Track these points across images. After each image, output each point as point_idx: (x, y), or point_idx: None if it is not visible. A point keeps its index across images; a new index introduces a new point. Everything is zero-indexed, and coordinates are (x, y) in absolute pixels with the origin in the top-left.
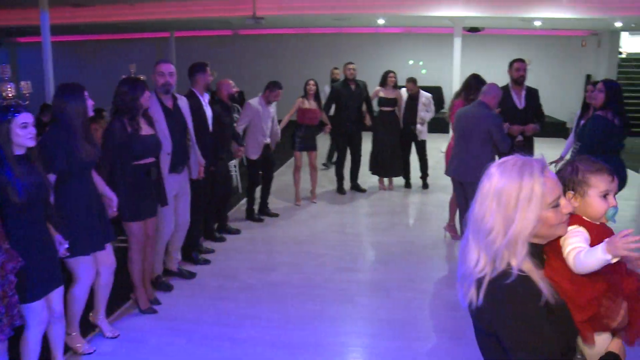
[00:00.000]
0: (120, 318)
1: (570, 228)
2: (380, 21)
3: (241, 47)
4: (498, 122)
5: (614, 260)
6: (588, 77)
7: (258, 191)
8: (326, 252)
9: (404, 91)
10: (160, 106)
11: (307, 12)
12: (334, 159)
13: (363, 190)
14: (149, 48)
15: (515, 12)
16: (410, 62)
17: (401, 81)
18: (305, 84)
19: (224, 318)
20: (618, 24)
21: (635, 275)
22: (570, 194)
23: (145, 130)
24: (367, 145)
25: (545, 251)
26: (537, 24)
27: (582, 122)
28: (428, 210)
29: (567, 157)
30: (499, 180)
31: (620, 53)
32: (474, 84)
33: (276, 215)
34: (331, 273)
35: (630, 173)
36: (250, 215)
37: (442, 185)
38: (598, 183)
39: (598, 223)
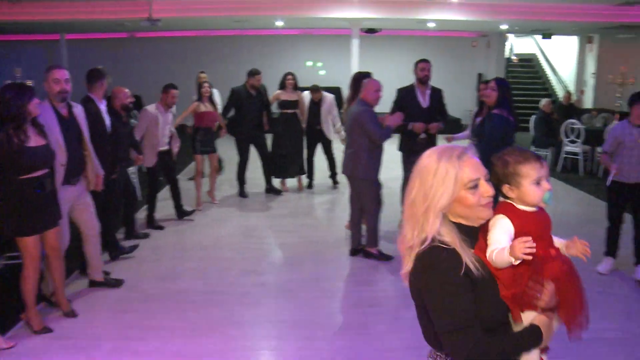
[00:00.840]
0: (12, 338)
1: (497, 216)
2: (279, 23)
3: (138, 50)
4: (368, 115)
5: (517, 262)
6: (480, 76)
7: (160, 198)
8: (230, 257)
9: (306, 94)
10: (55, 115)
11: (205, 14)
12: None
13: (279, 192)
14: (38, 51)
15: (410, 13)
16: (309, 63)
17: (302, 82)
18: (199, 87)
19: (125, 331)
20: (504, 27)
21: (561, 260)
22: (506, 187)
23: (35, 140)
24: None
25: (479, 233)
26: (431, 25)
27: (478, 119)
28: (331, 210)
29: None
30: (423, 160)
31: (510, 59)
32: (359, 80)
33: (191, 212)
34: (236, 277)
35: None
36: (150, 223)
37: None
38: (529, 172)
39: (536, 209)
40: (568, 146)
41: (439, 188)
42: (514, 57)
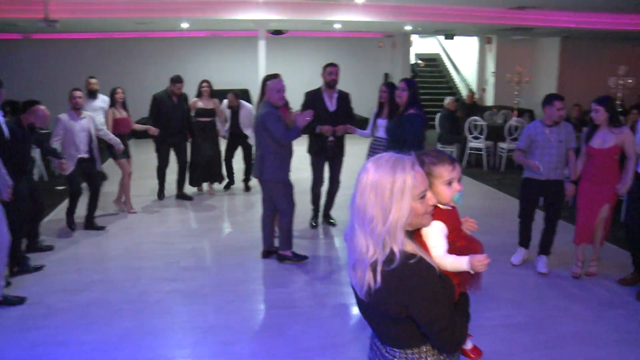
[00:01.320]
0: None
1: (432, 224)
2: (185, 25)
3: (34, 52)
4: (271, 116)
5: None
6: (386, 75)
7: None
8: (140, 265)
9: (225, 102)
10: None
11: (106, 15)
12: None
13: (190, 198)
14: None
15: (316, 15)
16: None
17: (214, 84)
18: (113, 92)
19: (29, 350)
20: (408, 28)
21: (474, 241)
22: None
23: None
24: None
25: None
26: (337, 26)
27: (380, 120)
28: (245, 213)
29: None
30: (374, 174)
31: (418, 65)
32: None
33: (103, 228)
34: (147, 285)
35: None
36: (70, 226)
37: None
38: (442, 173)
39: (449, 207)
40: (472, 142)
41: (400, 202)
42: (419, 62)
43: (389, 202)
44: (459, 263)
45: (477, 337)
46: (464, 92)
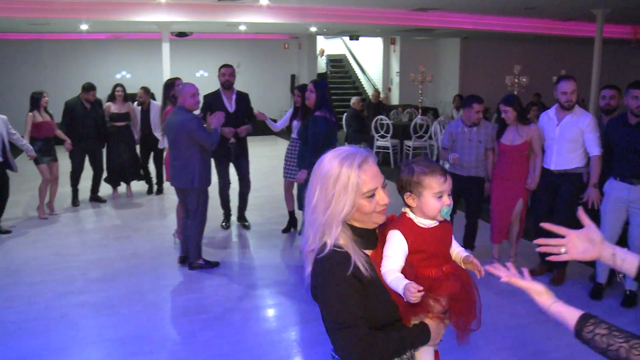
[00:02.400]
0: None
1: (393, 231)
2: (84, 26)
3: None
4: (195, 122)
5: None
6: (293, 77)
7: None
8: (42, 280)
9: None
10: None
11: None
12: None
13: (103, 201)
14: None
15: (220, 17)
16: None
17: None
18: (39, 97)
19: None
20: (313, 29)
21: (453, 277)
22: (408, 194)
23: None
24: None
25: (379, 237)
26: (242, 28)
27: (295, 121)
28: (153, 219)
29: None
30: (325, 165)
31: (326, 73)
32: (171, 87)
33: (9, 232)
34: (51, 300)
35: None
36: None
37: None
38: (432, 184)
39: (436, 223)
40: (379, 141)
41: (341, 197)
42: (329, 73)
43: (331, 194)
44: (395, 284)
45: None
46: (370, 92)
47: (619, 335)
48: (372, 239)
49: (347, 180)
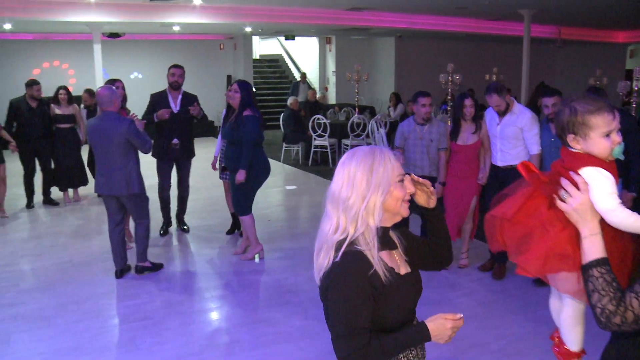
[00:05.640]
0: None
1: (589, 169)
2: (7, 26)
3: None
4: (133, 128)
5: None
6: (229, 77)
7: None
8: None
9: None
10: None
11: None
12: None
13: (56, 204)
14: None
15: (152, 17)
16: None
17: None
18: None
19: None
20: (248, 29)
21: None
22: (571, 136)
23: None
24: None
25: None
26: (176, 28)
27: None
28: (92, 225)
29: (219, 156)
30: (353, 159)
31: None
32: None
33: None
34: None
35: (273, 162)
36: None
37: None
38: (599, 123)
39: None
40: (317, 140)
41: (380, 178)
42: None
43: (369, 179)
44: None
45: None
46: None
47: (616, 286)
48: (387, 238)
49: (384, 163)
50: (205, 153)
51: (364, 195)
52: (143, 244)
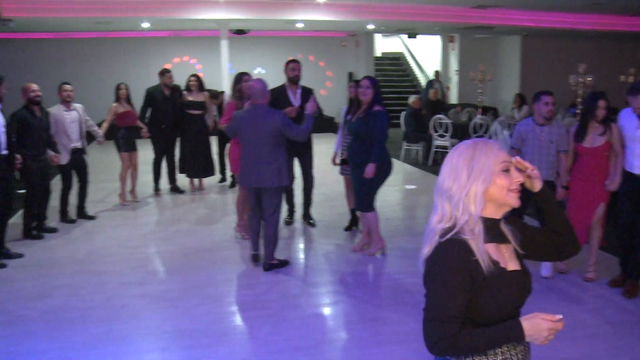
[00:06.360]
0: None
1: None
2: (145, 25)
3: None
4: (285, 119)
5: None
6: (350, 74)
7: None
8: (106, 269)
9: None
10: None
11: (63, 14)
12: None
13: (181, 191)
14: None
15: (277, 14)
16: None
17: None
18: (117, 88)
19: None
20: (371, 27)
21: None
22: None
23: None
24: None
25: None
26: (300, 25)
27: (350, 117)
28: (216, 214)
29: (340, 151)
30: (457, 151)
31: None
32: (238, 82)
33: (93, 217)
34: (113, 290)
35: (392, 161)
36: (63, 217)
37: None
38: None
39: None
40: (437, 140)
41: (481, 169)
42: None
43: (471, 168)
44: None
45: None
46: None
47: None
48: (497, 231)
49: (486, 153)
50: (326, 149)
51: (465, 184)
52: (273, 244)
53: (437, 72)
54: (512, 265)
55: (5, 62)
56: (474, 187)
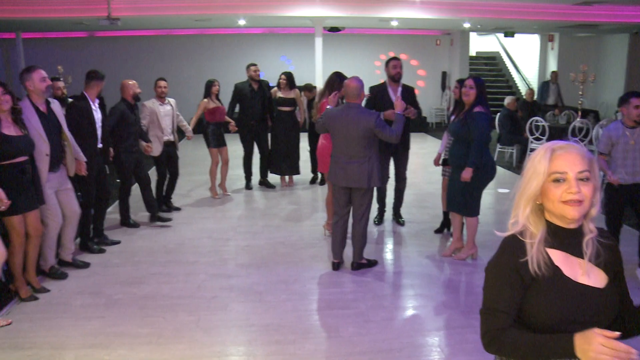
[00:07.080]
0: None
1: None
2: (242, 22)
3: (98, 49)
4: (380, 120)
5: None
6: (444, 74)
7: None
8: (196, 260)
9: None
10: (34, 110)
11: (165, 12)
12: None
13: (272, 187)
14: None
15: (372, 12)
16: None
17: (271, 80)
18: (210, 85)
19: (90, 339)
20: (466, 25)
21: None
22: None
23: (15, 131)
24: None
25: None
26: (394, 23)
27: (453, 117)
28: (304, 210)
29: (443, 153)
30: (535, 151)
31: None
32: (336, 81)
33: (178, 209)
34: (202, 281)
35: None
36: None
37: None
38: None
39: None
40: (533, 143)
41: (532, 176)
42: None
43: (524, 177)
44: None
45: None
46: (523, 92)
47: None
48: (569, 241)
49: (537, 162)
50: (417, 149)
51: (519, 188)
52: (362, 243)
53: (554, 73)
54: (586, 279)
55: (105, 58)
56: (524, 195)
